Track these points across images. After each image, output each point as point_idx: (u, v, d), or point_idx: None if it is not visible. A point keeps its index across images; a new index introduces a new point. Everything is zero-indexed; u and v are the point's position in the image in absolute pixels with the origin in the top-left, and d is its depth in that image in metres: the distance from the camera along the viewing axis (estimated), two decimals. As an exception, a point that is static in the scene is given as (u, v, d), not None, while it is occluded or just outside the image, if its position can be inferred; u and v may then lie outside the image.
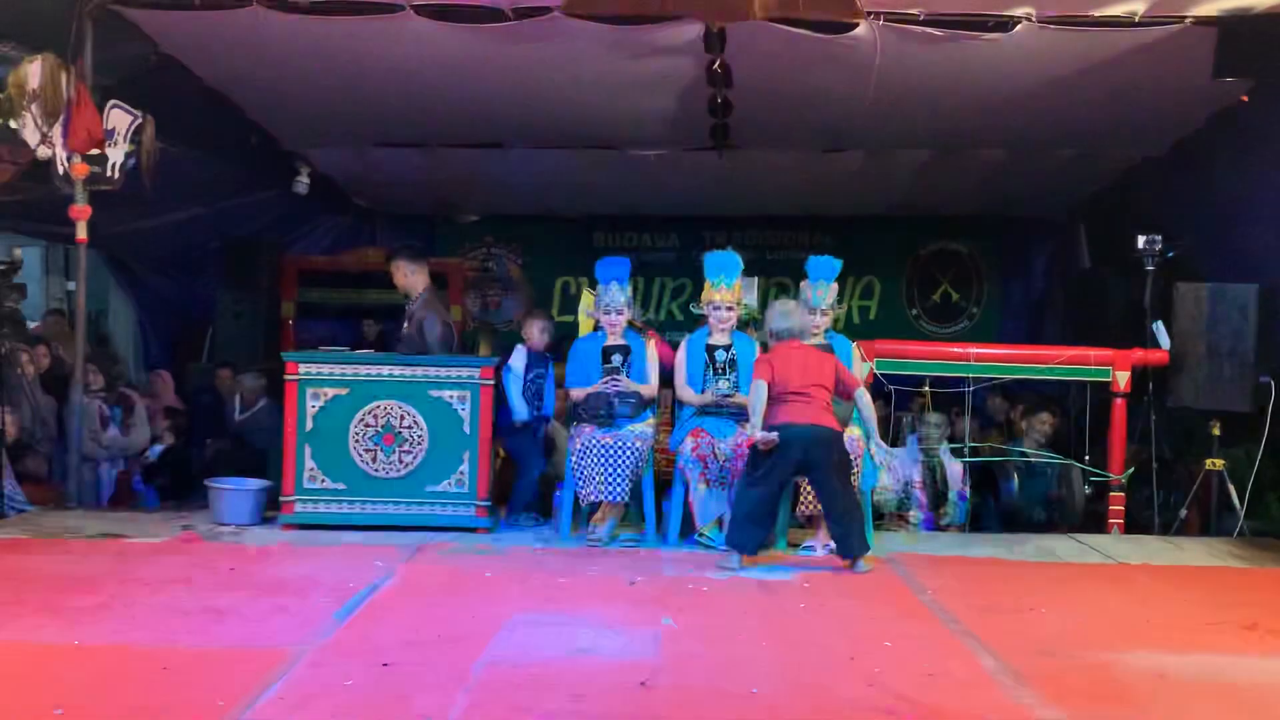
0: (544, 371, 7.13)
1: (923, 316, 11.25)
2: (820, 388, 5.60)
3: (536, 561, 5.67)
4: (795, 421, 5.50)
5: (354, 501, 6.26)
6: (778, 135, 8.22)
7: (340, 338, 8.45)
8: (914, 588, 5.25)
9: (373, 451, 6.27)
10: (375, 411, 6.28)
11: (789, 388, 5.57)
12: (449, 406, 6.30)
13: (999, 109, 7.41)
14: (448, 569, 5.43)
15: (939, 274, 11.26)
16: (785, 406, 5.55)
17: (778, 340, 5.77)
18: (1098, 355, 6.96)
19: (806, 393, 5.55)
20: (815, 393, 5.57)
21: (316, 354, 6.53)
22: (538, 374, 7.09)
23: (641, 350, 6.41)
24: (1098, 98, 7.12)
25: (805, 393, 5.55)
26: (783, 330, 5.76)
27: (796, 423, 5.50)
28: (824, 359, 5.75)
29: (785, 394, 5.57)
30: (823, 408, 5.57)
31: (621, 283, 6.39)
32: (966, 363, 6.95)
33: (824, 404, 5.58)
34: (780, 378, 5.60)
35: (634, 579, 5.26)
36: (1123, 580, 5.62)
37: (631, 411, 6.21)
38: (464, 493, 6.29)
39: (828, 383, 5.64)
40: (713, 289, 6.29)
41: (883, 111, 7.48)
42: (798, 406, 5.53)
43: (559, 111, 7.70)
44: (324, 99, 7.57)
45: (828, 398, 5.62)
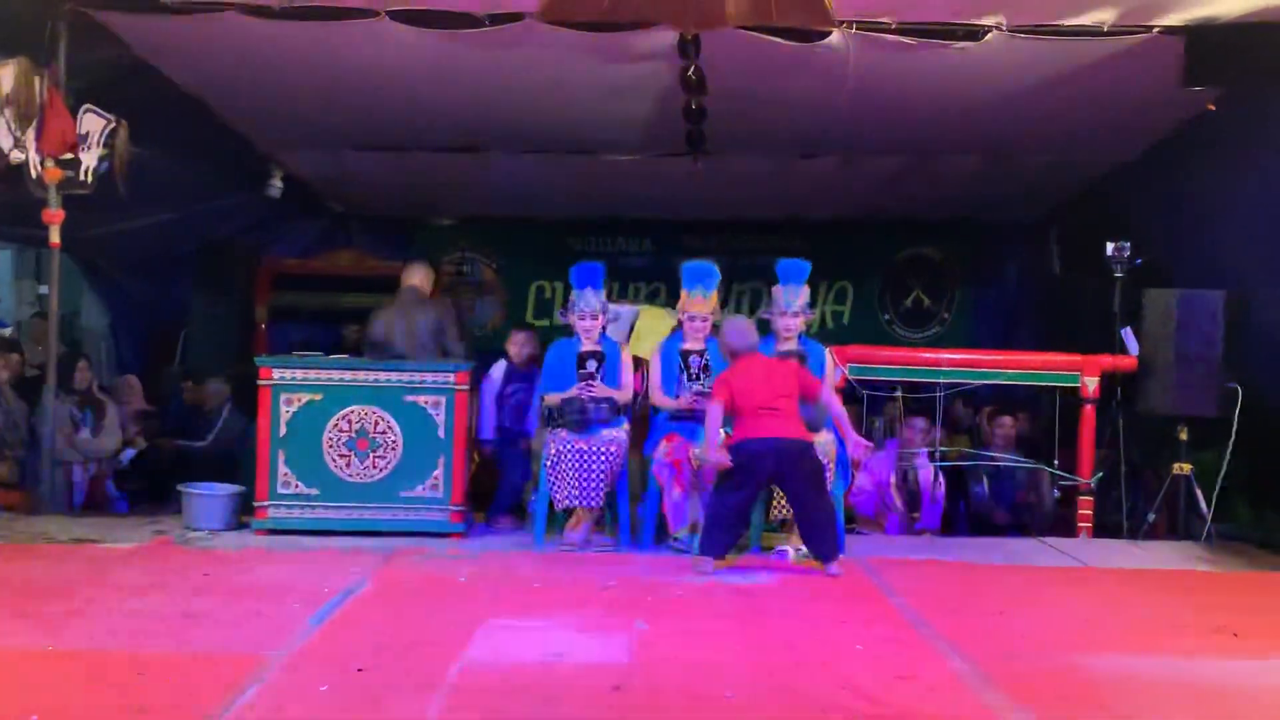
0: (525, 387, 7.14)
1: (895, 321, 11.30)
2: (786, 398, 5.64)
3: (511, 566, 5.69)
4: (765, 435, 5.54)
5: (328, 506, 6.26)
6: (752, 140, 8.26)
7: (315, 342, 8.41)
8: (886, 591, 5.29)
9: (347, 456, 6.27)
10: (349, 416, 6.28)
11: (754, 402, 5.60)
12: (423, 411, 6.30)
13: (972, 116, 7.47)
14: (422, 574, 5.43)
15: (912, 279, 11.31)
16: (754, 421, 5.59)
17: (736, 356, 5.80)
18: (1067, 360, 7.04)
19: (774, 405, 5.59)
20: (782, 404, 5.61)
21: (290, 358, 6.53)
22: (518, 389, 7.10)
23: (616, 355, 6.44)
24: (1070, 104, 7.19)
25: (772, 405, 5.58)
26: (742, 347, 5.80)
27: (766, 436, 5.54)
28: (785, 368, 5.79)
29: (752, 408, 5.60)
30: (791, 418, 5.61)
31: (596, 288, 6.42)
32: (938, 368, 7.01)
33: (792, 414, 5.62)
34: (743, 394, 5.63)
35: (608, 583, 5.27)
36: (1091, 584, 5.68)
37: (606, 417, 6.23)
38: (438, 498, 6.29)
39: (792, 392, 5.68)
40: (690, 299, 6.33)
41: (857, 117, 7.53)
42: (766, 420, 5.57)
43: (535, 116, 7.71)
44: (299, 103, 7.56)
45: (795, 407, 5.66)
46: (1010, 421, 7.60)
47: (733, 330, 5.87)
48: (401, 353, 6.70)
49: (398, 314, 6.93)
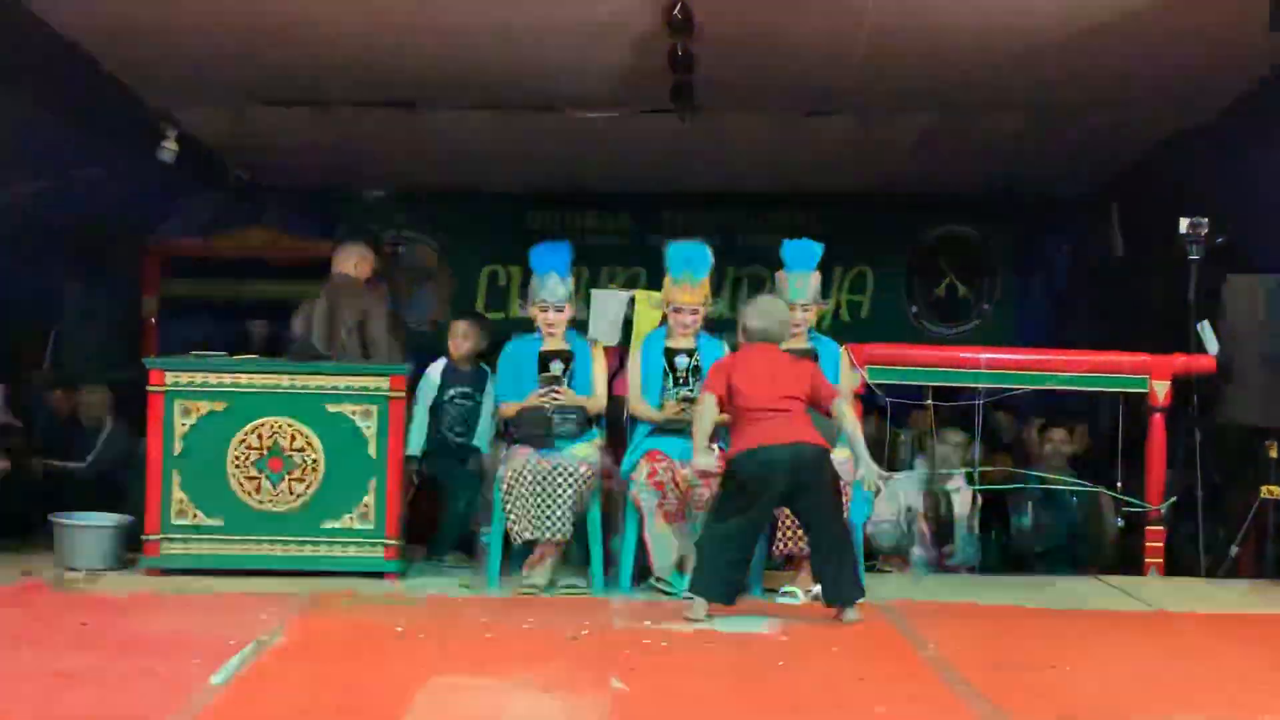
0: (472, 391, 7.12)
1: (924, 314, 11.34)
2: (795, 399, 5.65)
3: (459, 613, 5.67)
4: (775, 442, 5.54)
5: (234, 541, 6.25)
6: (751, 95, 8.25)
7: (218, 340, 8.36)
8: (914, 642, 5.30)
9: (257, 479, 6.26)
10: (260, 430, 6.27)
11: (758, 402, 5.61)
12: (351, 424, 6.30)
13: (1016, 65, 7.49)
14: (350, 623, 5.42)
15: (944, 264, 11.35)
16: (759, 425, 5.59)
17: (749, 342, 5.81)
18: (1132, 362, 7.07)
19: (782, 406, 5.59)
20: (793, 405, 5.62)
21: (187, 360, 6.50)
22: (462, 393, 7.08)
23: (586, 355, 6.44)
24: (1134, 53, 7.22)
25: (780, 407, 5.59)
26: (757, 331, 5.80)
27: (777, 443, 5.54)
28: (798, 365, 5.81)
29: (757, 410, 5.61)
30: (804, 422, 5.62)
31: (562, 273, 6.41)
32: (976, 370, 7.04)
33: (804, 417, 5.63)
34: (744, 390, 5.64)
35: (578, 633, 5.26)
36: (1163, 632, 5.72)
37: (574, 430, 6.22)
38: (369, 529, 6.29)
39: (803, 393, 5.69)
40: (676, 287, 6.34)
41: (877, 67, 7.54)
42: (775, 424, 5.57)
43: (485, 64, 7.68)
44: (199, 48, 7.51)
45: (804, 410, 5.67)
46: (1063, 435, 7.64)
47: (757, 310, 5.87)
48: (326, 355, 6.68)
49: (324, 307, 6.91)
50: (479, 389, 7.13)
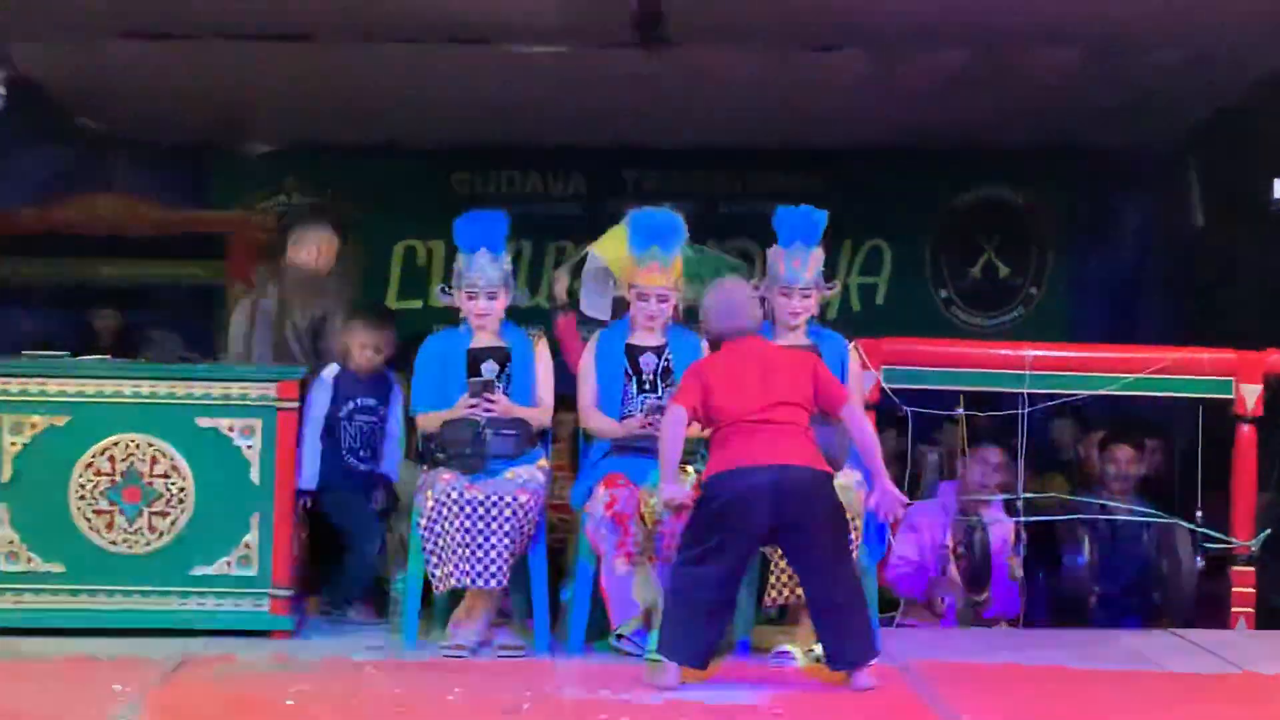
0: (376, 404, 7.10)
1: (956, 301, 11.39)
2: (793, 406, 5.65)
3: (365, 680, 5.65)
4: (754, 463, 5.56)
5: (78, 591, 6.22)
6: (736, 24, 8.27)
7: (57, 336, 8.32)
8: (943, 714, 5.32)
9: (108, 514, 6.24)
10: (112, 451, 6.25)
11: (741, 409, 5.62)
12: (228, 443, 6.30)
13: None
14: (227, 694, 5.38)
15: (981, 237, 11.41)
16: (739, 441, 5.60)
17: (724, 340, 5.84)
18: (1214, 361, 7.13)
19: (772, 417, 5.61)
20: (786, 415, 5.62)
21: (18, 363, 6.47)
22: (363, 407, 7.06)
23: (528, 354, 6.44)
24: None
25: (769, 418, 5.60)
26: (729, 330, 5.83)
27: (756, 464, 5.55)
28: (796, 361, 5.82)
29: (737, 420, 5.62)
30: (799, 436, 5.63)
31: (495, 250, 6.42)
32: (1020, 371, 7.08)
33: (801, 431, 5.64)
34: (724, 397, 5.66)
35: (516, 706, 5.24)
36: (1255, 698, 5.74)
37: (513, 449, 6.24)
38: (252, 576, 6.28)
39: (803, 397, 5.70)
40: (641, 267, 6.36)
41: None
42: (759, 440, 5.58)
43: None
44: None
45: (805, 420, 5.68)
46: (1129, 454, 7.67)
47: (720, 299, 5.89)
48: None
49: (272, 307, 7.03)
50: (384, 401, 7.10)
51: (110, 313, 9.91)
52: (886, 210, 11.09)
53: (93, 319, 9.91)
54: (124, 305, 9.92)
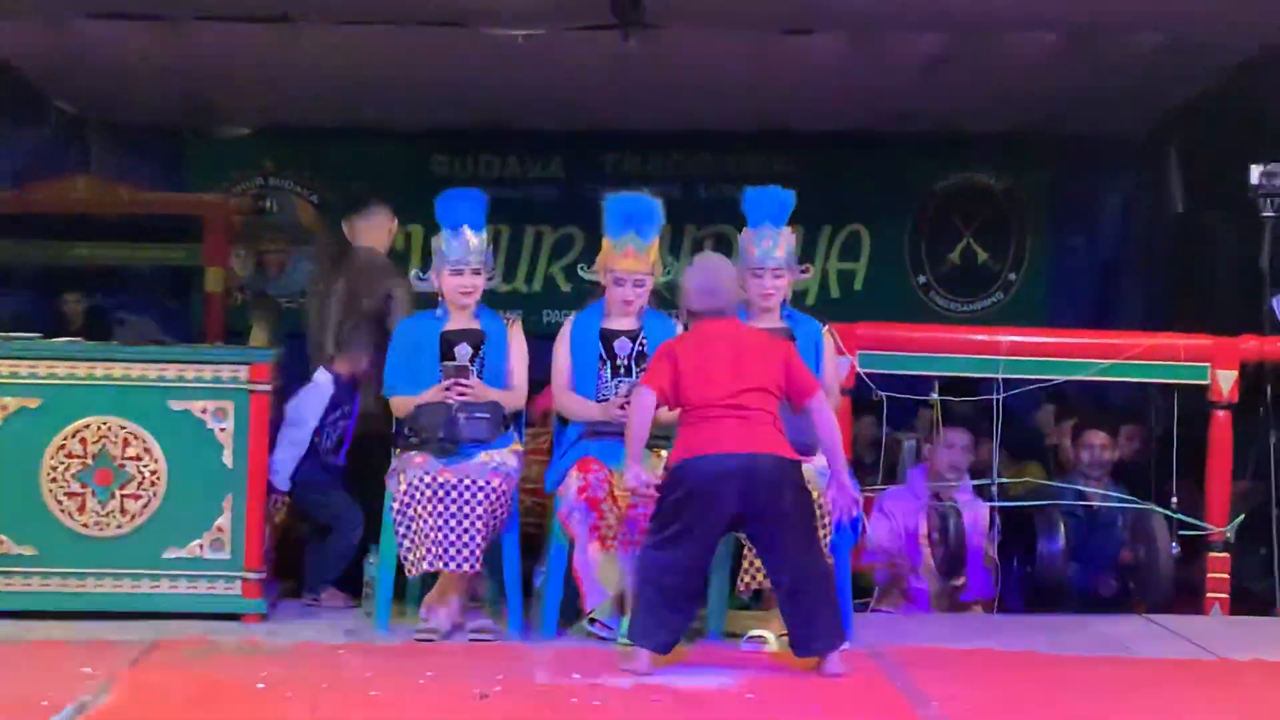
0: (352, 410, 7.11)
1: (935, 287, 11.40)
2: (764, 393, 5.63)
3: (337, 664, 5.65)
4: (724, 450, 5.55)
5: (49, 575, 6.22)
6: (714, 7, 8.26)
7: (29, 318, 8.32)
8: (913, 699, 5.31)
9: (80, 497, 6.23)
10: (83, 434, 6.24)
11: (711, 394, 5.60)
12: (200, 425, 6.29)
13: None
14: (197, 677, 5.37)
15: (959, 222, 11.42)
16: (708, 427, 5.58)
17: (698, 320, 5.82)
18: (1190, 346, 7.14)
19: (743, 403, 5.59)
20: (756, 401, 5.60)
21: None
22: (345, 411, 7.07)
23: (502, 337, 6.44)
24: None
25: (740, 403, 5.59)
26: (707, 308, 5.81)
27: (726, 451, 5.55)
28: (769, 346, 5.79)
29: (707, 406, 5.61)
30: (768, 424, 5.61)
31: (476, 228, 6.41)
32: (995, 357, 7.08)
33: (768, 419, 5.63)
34: (694, 379, 5.63)
35: (488, 689, 5.25)
36: (1228, 684, 5.76)
37: (486, 432, 6.23)
38: (224, 559, 6.28)
39: (774, 384, 5.68)
40: (617, 251, 6.35)
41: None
42: (728, 426, 5.56)
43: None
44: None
45: (775, 408, 5.67)
46: (1104, 440, 7.68)
47: (700, 276, 5.84)
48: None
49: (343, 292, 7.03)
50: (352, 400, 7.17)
51: (79, 297, 9.89)
52: (865, 195, 11.11)
53: (65, 301, 9.90)
54: (99, 288, 9.91)
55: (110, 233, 9.98)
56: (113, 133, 10.88)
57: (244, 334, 9.49)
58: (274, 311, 10.25)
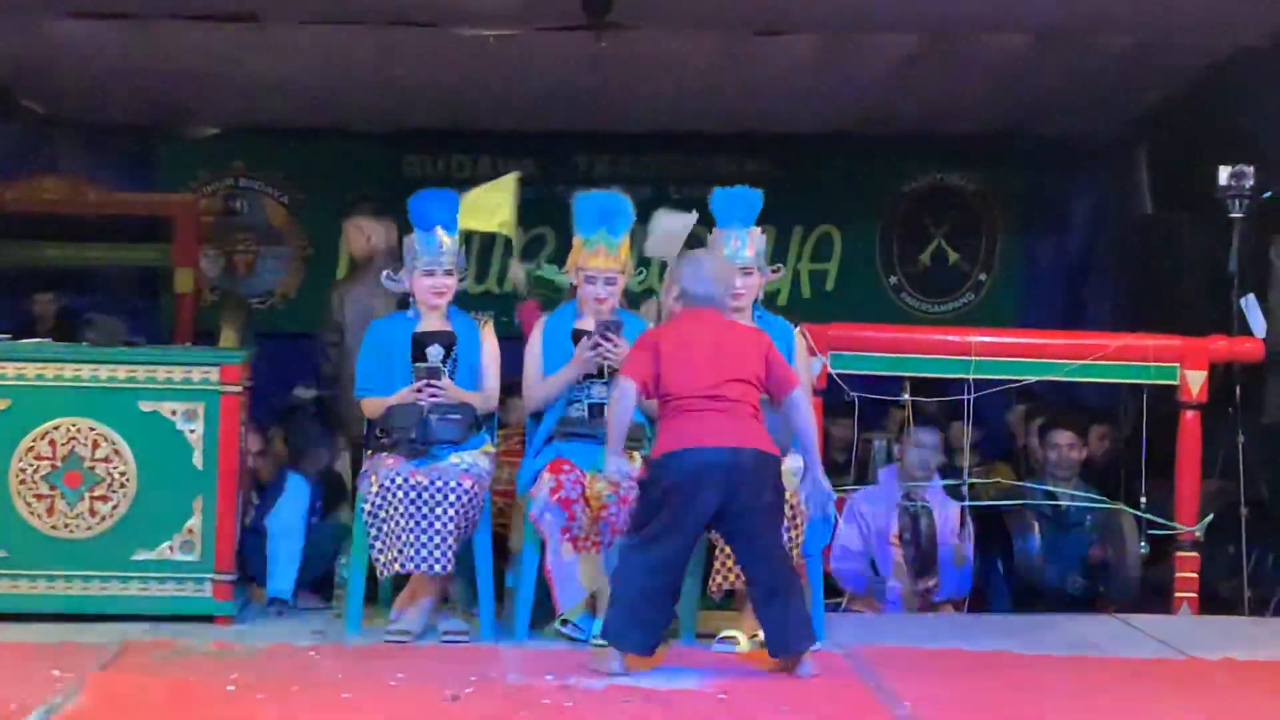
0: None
1: (906, 287, 11.42)
2: (745, 384, 5.61)
3: (307, 666, 5.65)
4: (708, 443, 5.54)
5: (18, 576, 6.23)
6: (686, 8, 8.27)
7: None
8: (885, 699, 5.33)
9: (48, 498, 6.23)
10: (52, 435, 6.24)
11: (692, 388, 5.58)
12: (170, 427, 6.29)
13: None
14: (166, 681, 5.37)
15: (931, 223, 11.44)
16: (691, 419, 5.56)
17: (683, 310, 5.80)
18: (1159, 346, 7.17)
19: (724, 394, 5.57)
20: (737, 393, 5.58)
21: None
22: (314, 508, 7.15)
23: (474, 338, 6.44)
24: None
25: (722, 394, 5.56)
26: (700, 295, 5.77)
27: (706, 445, 5.53)
28: (749, 338, 5.79)
29: (689, 398, 5.58)
30: (748, 417, 5.61)
31: (449, 229, 6.41)
32: (966, 357, 7.10)
33: (750, 411, 5.62)
34: (674, 372, 5.61)
35: (460, 690, 5.25)
36: (1197, 683, 5.78)
37: (458, 434, 6.23)
38: (193, 561, 6.28)
39: (755, 376, 5.67)
40: (588, 250, 6.36)
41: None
42: (711, 418, 5.55)
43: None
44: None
45: (756, 400, 5.66)
46: (1072, 439, 7.71)
47: (693, 264, 5.83)
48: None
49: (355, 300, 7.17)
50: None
51: (50, 296, 9.86)
52: (837, 196, 11.11)
53: (37, 302, 9.86)
54: (68, 288, 9.86)
55: (79, 233, 9.93)
56: (81, 132, 10.83)
57: (214, 334, 9.46)
58: (243, 312, 10.24)
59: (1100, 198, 11.06)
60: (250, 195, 11.18)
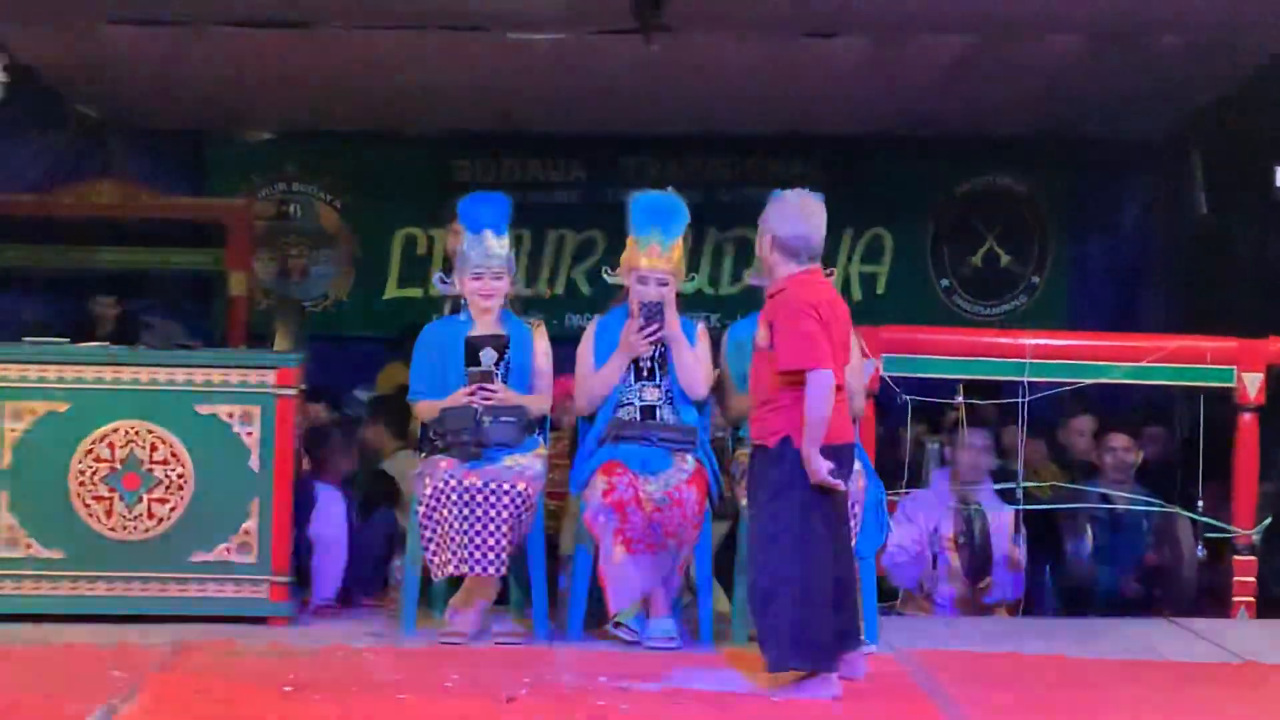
0: None
1: (958, 290, 11.40)
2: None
3: (363, 667, 5.68)
4: (851, 439, 5.47)
5: (78, 578, 6.24)
6: (736, 10, 8.27)
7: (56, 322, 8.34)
8: (940, 702, 5.33)
9: (107, 500, 6.25)
10: (111, 438, 6.26)
11: (838, 372, 5.32)
12: (226, 429, 6.31)
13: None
14: (223, 681, 5.40)
15: (982, 225, 11.41)
16: (838, 408, 5.33)
17: (798, 265, 5.50)
18: (1216, 349, 7.14)
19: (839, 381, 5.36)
20: (841, 378, 5.40)
21: (18, 349, 6.48)
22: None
23: (526, 342, 6.45)
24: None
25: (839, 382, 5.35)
26: (807, 245, 5.47)
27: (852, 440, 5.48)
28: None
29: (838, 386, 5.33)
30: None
31: (500, 231, 6.43)
32: (1020, 360, 7.09)
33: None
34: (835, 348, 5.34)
35: (514, 692, 5.27)
36: (1254, 687, 5.77)
37: (511, 437, 6.25)
38: (250, 564, 6.30)
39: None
40: (641, 250, 6.35)
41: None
42: (841, 406, 5.38)
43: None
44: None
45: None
46: (1126, 442, 7.68)
47: (791, 208, 5.50)
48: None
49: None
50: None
51: (109, 299, 9.93)
52: (887, 198, 11.10)
53: (91, 306, 9.94)
54: (123, 292, 9.93)
55: (134, 237, 10.01)
56: (134, 137, 10.91)
57: (266, 338, 9.52)
58: (297, 315, 10.30)
59: (1153, 199, 11.03)
60: (302, 199, 11.25)
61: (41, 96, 9.92)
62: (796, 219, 5.46)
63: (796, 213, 5.49)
